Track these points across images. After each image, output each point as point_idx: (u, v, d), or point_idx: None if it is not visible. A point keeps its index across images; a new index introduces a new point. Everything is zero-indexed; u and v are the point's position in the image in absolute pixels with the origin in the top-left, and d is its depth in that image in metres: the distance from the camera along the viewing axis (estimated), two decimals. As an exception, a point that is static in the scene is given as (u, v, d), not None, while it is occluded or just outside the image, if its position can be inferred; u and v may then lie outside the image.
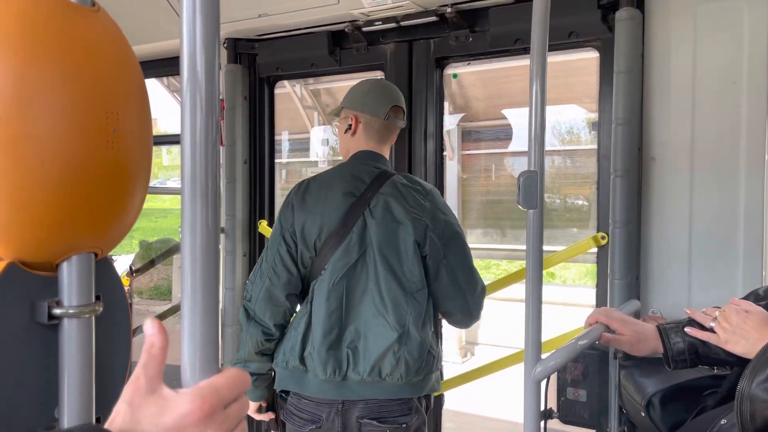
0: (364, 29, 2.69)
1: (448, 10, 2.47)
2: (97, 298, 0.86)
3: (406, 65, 2.72)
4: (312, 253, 2.11)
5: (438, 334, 2.20)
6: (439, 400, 2.69)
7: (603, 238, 2.29)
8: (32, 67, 0.75)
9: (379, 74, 2.82)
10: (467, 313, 2.15)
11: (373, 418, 2.03)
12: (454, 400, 2.83)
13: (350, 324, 2.05)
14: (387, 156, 2.24)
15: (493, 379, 2.53)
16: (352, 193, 2.10)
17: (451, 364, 7.78)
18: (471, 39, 2.56)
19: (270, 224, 3.04)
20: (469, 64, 2.78)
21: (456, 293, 2.10)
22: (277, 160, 3.26)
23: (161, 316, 3.69)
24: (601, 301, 2.30)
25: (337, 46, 2.82)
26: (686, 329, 1.57)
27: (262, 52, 2.99)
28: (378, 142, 2.21)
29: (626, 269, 2.15)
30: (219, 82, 0.64)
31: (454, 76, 2.85)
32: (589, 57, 2.38)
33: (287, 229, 2.13)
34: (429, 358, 2.08)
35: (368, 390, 2.03)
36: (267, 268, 2.12)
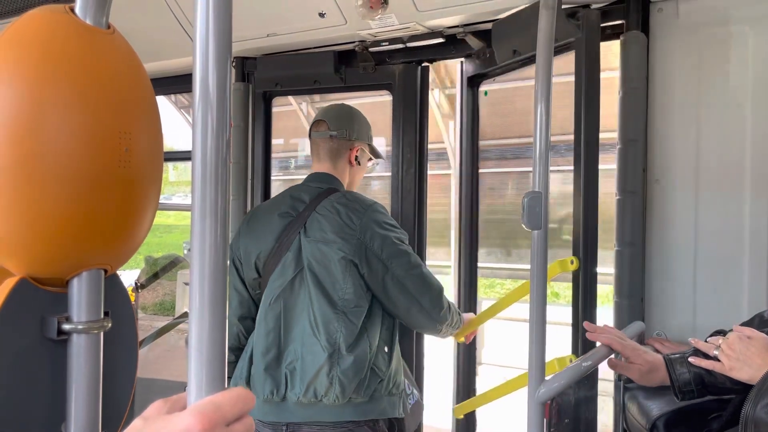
0: (371, 49, 2.72)
1: (460, 30, 2.48)
2: (106, 314, 0.87)
3: (415, 86, 2.74)
4: (256, 275, 2.16)
5: (391, 356, 2.12)
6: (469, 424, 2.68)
7: (572, 263, 2.17)
8: (47, 88, 0.77)
9: (385, 94, 2.84)
10: (427, 317, 2.10)
11: None
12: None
13: (290, 344, 2.04)
14: (344, 174, 2.27)
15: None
16: (288, 213, 2.14)
17: (450, 380, 7.71)
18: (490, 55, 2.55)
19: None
20: (494, 80, 2.82)
21: (409, 302, 2.07)
22: (285, 177, 3.28)
23: (162, 331, 3.68)
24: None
25: (343, 65, 2.83)
26: (690, 359, 1.56)
27: (262, 67, 2.94)
28: (324, 162, 2.27)
29: (631, 290, 2.14)
30: (230, 101, 0.65)
31: (485, 93, 2.87)
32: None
33: (234, 253, 2.20)
34: (372, 379, 2.02)
35: (308, 412, 2.00)
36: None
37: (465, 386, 2.80)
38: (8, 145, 0.76)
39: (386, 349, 2.10)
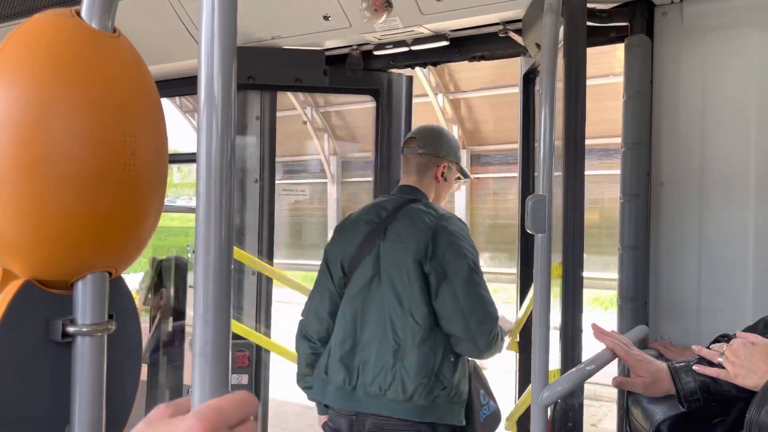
0: (376, 53, 2.73)
1: (500, 28, 2.43)
2: (110, 316, 0.87)
3: (401, 93, 2.80)
4: (341, 275, 2.35)
5: (456, 365, 2.20)
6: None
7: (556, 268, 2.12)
8: (53, 91, 0.77)
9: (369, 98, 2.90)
10: (470, 339, 2.15)
11: None
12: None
13: (364, 338, 2.22)
14: (429, 188, 2.44)
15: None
16: (373, 220, 2.34)
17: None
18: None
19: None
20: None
21: (456, 315, 2.14)
22: (288, 181, 3.29)
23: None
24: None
25: (331, 66, 2.81)
26: (695, 367, 1.55)
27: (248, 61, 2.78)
28: (412, 176, 2.45)
29: (634, 294, 2.14)
30: (235, 103, 0.65)
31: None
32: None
33: (327, 255, 2.42)
34: (436, 384, 2.12)
35: (374, 404, 2.15)
36: (314, 290, 2.42)
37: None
38: (14, 148, 0.76)
39: (452, 357, 2.21)
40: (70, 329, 0.83)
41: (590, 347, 1.88)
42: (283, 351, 2.83)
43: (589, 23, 2.13)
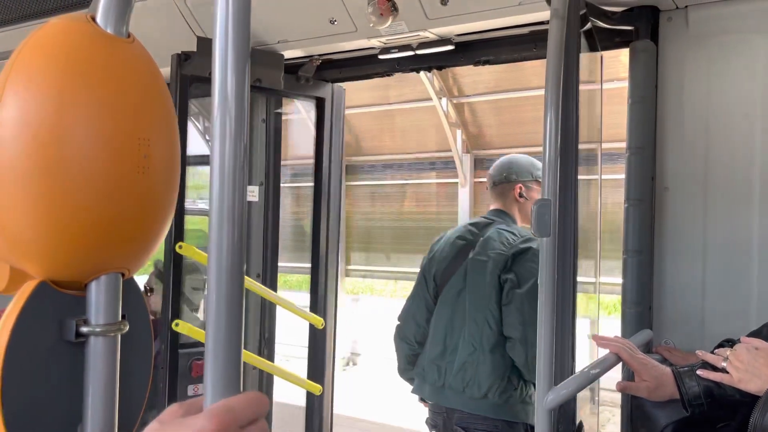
0: (381, 56, 2.74)
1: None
2: (123, 317, 0.88)
3: (341, 103, 3.00)
4: (434, 286, 2.72)
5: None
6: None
7: None
8: (69, 96, 0.78)
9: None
10: (524, 344, 2.39)
11: (463, 428, 2.49)
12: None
13: (452, 342, 2.58)
14: (513, 209, 2.78)
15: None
16: (464, 237, 2.73)
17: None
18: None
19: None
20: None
21: (517, 319, 2.41)
22: (292, 184, 3.32)
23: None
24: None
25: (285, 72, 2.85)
26: (698, 372, 1.56)
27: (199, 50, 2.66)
28: (497, 202, 2.82)
29: (639, 299, 2.14)
30: (248, 107, 0.66)
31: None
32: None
33: (424, 268, 2.80)
34: (508, 386, 2.42)
35: (458, 400, 2.51)
36: (411, 297, 2.81)
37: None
38: (30, 151, 0.78)
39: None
40: (84, 329, 0.84)
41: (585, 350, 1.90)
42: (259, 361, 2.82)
43: (593, 27, 2.14)
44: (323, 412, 2.97)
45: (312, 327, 2.88)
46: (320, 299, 3.00)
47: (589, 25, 2.17)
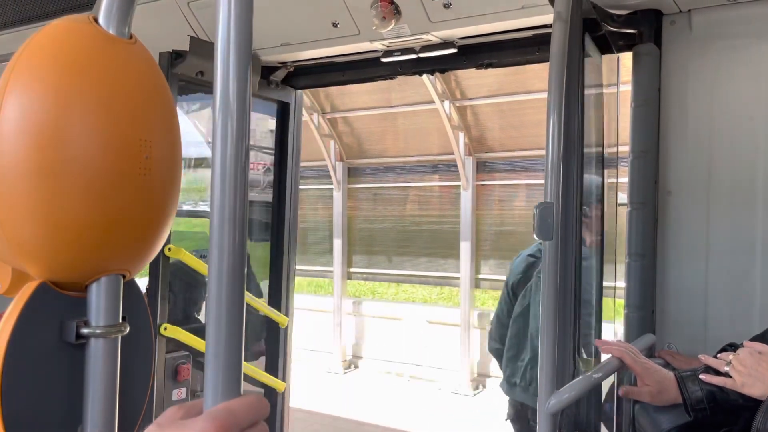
0: (384, 59, 2.74)
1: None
2: (123, 318, 0.88)
3: (300, 110, 3.15)
4: (512, 295, 3.22)
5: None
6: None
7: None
8: (71, 96, 0.78)
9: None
10: None
11: (531, 419, 2.94)
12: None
13: (523, 346, 3.08)
14: None
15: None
16: (533, 254, 3.19)
17: (462, 396, 7.74)
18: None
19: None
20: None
21: None
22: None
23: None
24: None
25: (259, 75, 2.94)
26: (701, 376, 1.55)
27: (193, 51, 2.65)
28: None
29: (642, 302, 2.14)
30: (249, 110, 0.66)
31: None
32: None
33: (507, 279, 3.34)
34: None
35: (524, 395, 3.02)
36: (499, 304, 3.34)
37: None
38: (32, 152, 0.78)
39: None
40: (84, 331, 0.84)
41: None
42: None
43: (597, 31, 2.14)
44: (284, 407, 3.15)
45: (270, 327, 3.11)
46: (282, 300, 3.17)
47: (593, 29, 2.18)
